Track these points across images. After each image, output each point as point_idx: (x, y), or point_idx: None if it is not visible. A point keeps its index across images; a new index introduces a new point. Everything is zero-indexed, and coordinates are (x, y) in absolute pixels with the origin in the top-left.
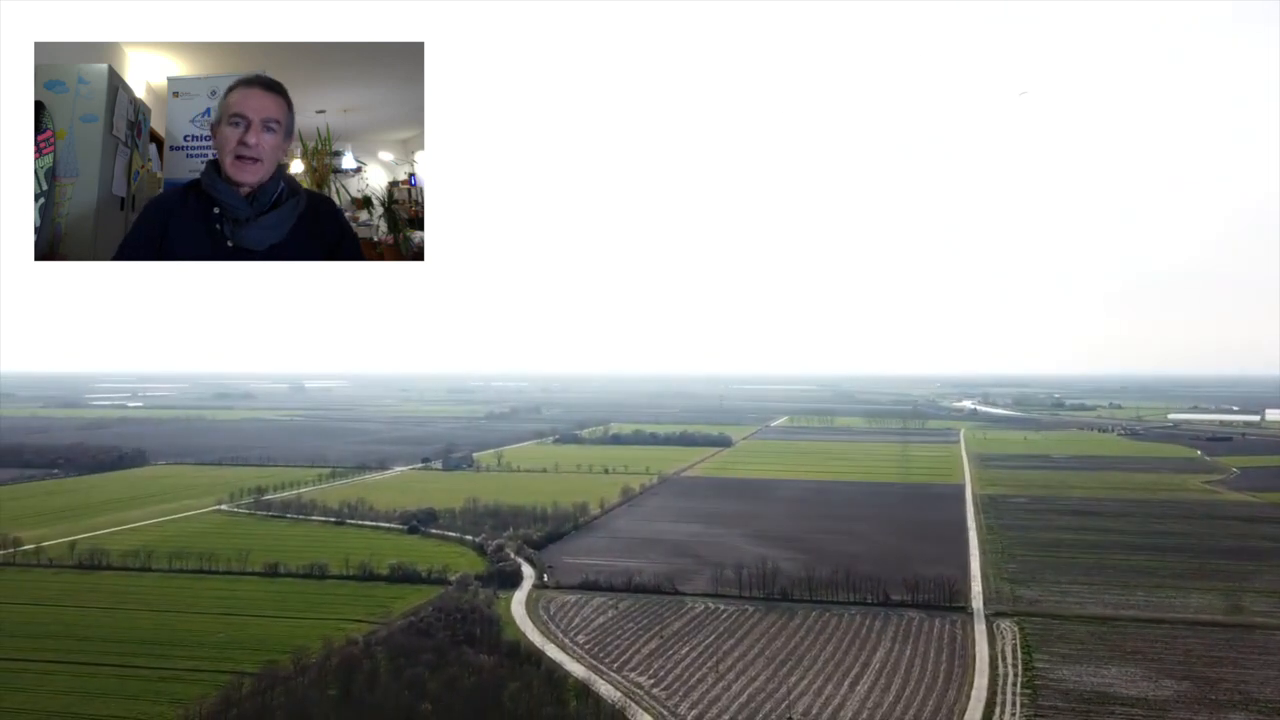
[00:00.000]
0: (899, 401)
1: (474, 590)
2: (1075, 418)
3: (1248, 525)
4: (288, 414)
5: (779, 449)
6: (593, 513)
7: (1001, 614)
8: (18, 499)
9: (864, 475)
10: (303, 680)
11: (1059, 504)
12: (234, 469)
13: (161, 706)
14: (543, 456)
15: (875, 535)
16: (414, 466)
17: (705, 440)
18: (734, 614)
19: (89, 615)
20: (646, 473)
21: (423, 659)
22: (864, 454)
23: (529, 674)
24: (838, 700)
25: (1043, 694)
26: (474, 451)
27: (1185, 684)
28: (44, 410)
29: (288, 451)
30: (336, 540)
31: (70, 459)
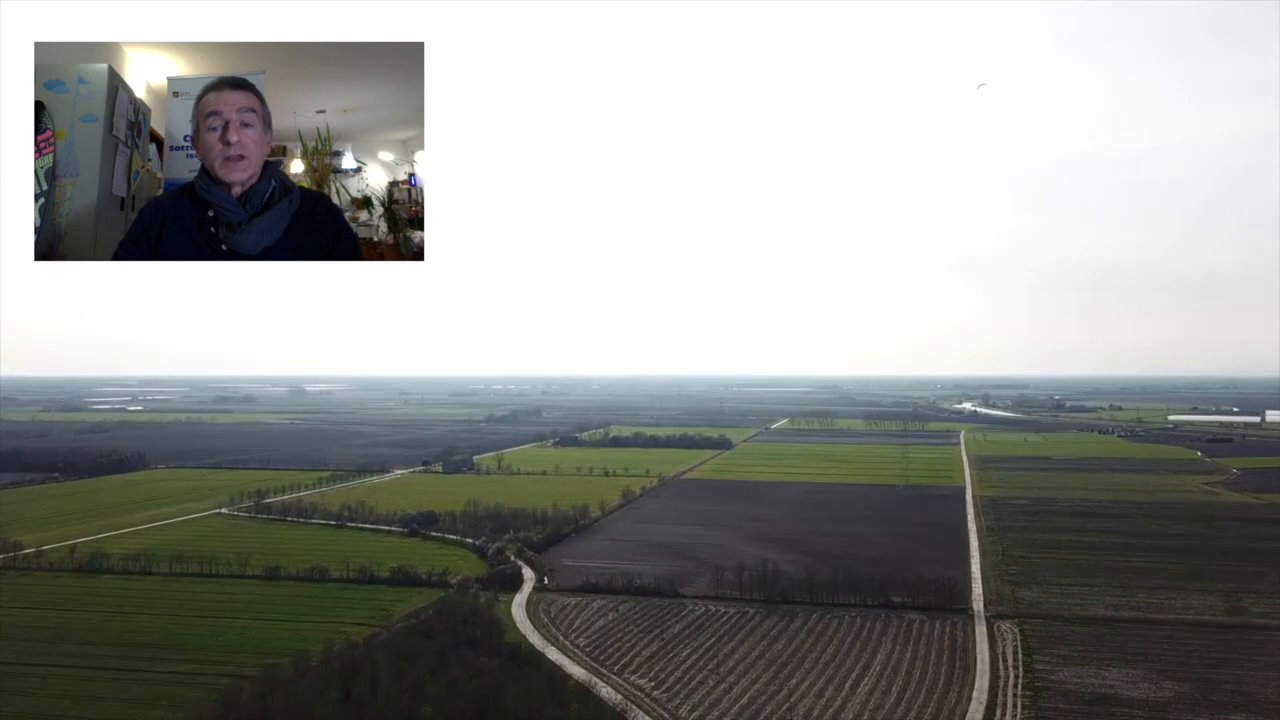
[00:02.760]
0: (899, 403)
1: (474, 593)
2: (1075, 419)
3: (1248, 526)
4: (288, 417)
5: (779, 451)
6: (593, 515)
7: (1002, 615)
8: (18, 503)
9: (864, 477)
10: (303, 683)
11: (1059, 505)
12: (234, 472)
13: (162, 710)
14: (543, 459)
15: (875, 537)
16: (414, 469)
17: (705, 442)
18: (734, 616)
19: (89, 619)
20: (647, 475)
21: (423, 662)
22: (864, 456)
23: (530, 677)
24: (839, 702)
25: (1044, 695)
26: (474, 454)
27: (1186, 685)
28: (44, 414)
29: (288, 455)
30: (337, 543)
31: (71, 463)
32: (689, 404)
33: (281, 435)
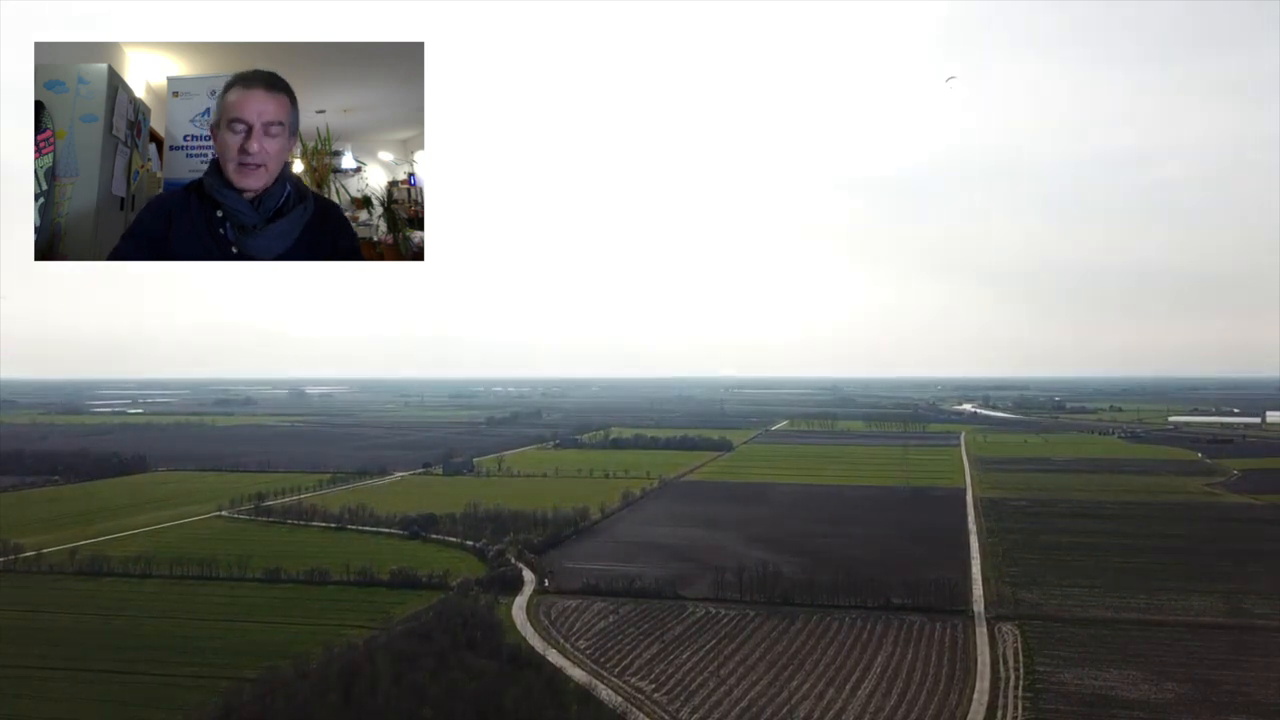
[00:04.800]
0: (899, 405)
1: (475, 595)
2: (1076, 420)
3: (1249, 527)
4: (288, 419)
5: (779, 453)
6: (593, 517)
7: (1003, 617)
8: (19, 506)
9: (865, 479)
10: (303, 686)
11: (1060, 506)
12: (235, 475)
13: (162, 712)
14: (543, 461)
15: (876, 539)
16: (414, 471)
17: (706, 444)
18: (735, 618)
19: (90, 621)
20: (647, 477)
21: (423, 664)
22: (865, 457)
23: (530, 679)
24: (839, 704)
25: (1044, 697)
26: (474, 456)
27: (1187, 686)
28: (45, 417)
29: (288, 457)
30: (337, 545)
31: (71, 465)
32: (689, 406)
33: (282, 437)
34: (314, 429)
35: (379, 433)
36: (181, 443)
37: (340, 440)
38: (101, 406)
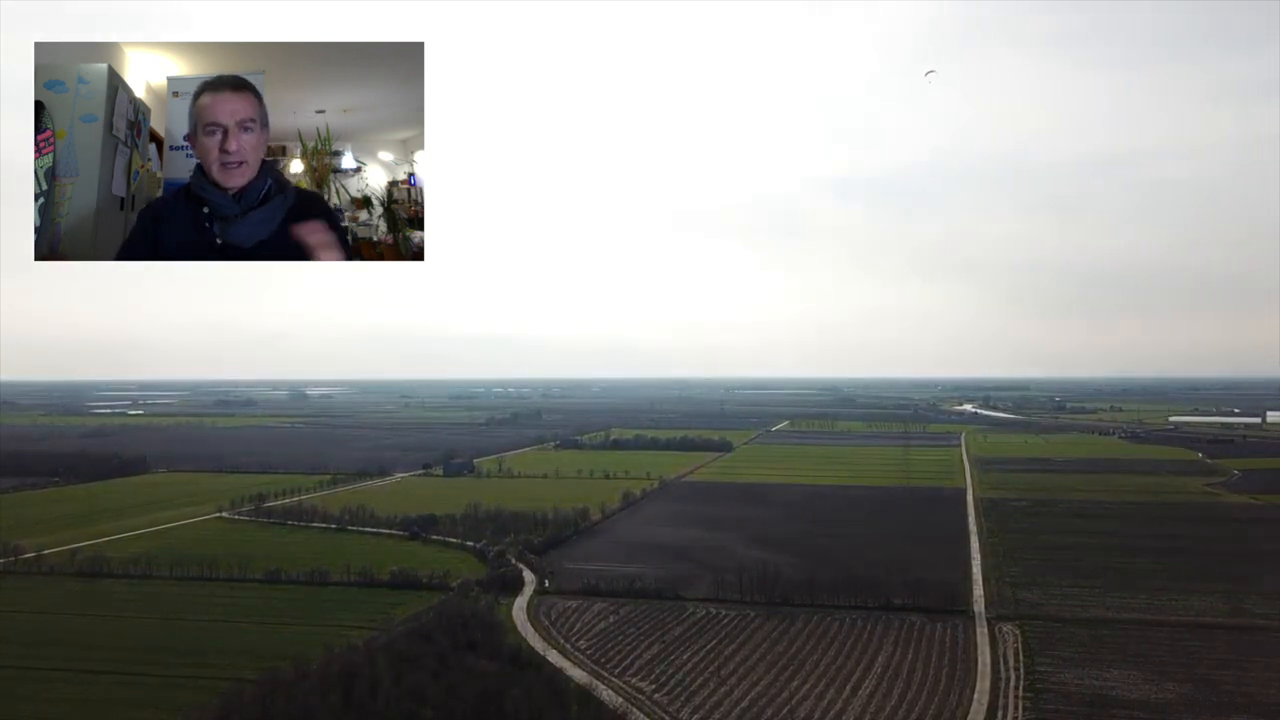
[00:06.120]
0: (900, 405)
1: (475, 596)
2: (1076, 420)
3: (1249, 527)
4: (289, 421)
5: (780, 453)
6: (594, 518)
7: (1003, 617)
8: (19, 506)
9: (865, 479)
10: (303, 686)
11: (1060, 507)
12: (235, 476)
13: (162, 713)
14: (544, 462)
15: (876, 539)
16: (415, 472)
17: (706, 445)
18: (735, 619)
19: (90, 623)
20: (647, 478)
21: (424, 665)
22: (865, 458)
23: (530, 680)
24: (839, 704)
25: (1045, 697)
26: (475, 457)
27: (1187, 686)
28: (45, 418)
29: (289, 458)
30: (337, 546)
31: (71, 466)
32: (689, 406)
33: (282, 438)
34: (314, 430)
35: (379, 433)
36: (182, 444)
37: (341, 441)
38: (102, 407)
